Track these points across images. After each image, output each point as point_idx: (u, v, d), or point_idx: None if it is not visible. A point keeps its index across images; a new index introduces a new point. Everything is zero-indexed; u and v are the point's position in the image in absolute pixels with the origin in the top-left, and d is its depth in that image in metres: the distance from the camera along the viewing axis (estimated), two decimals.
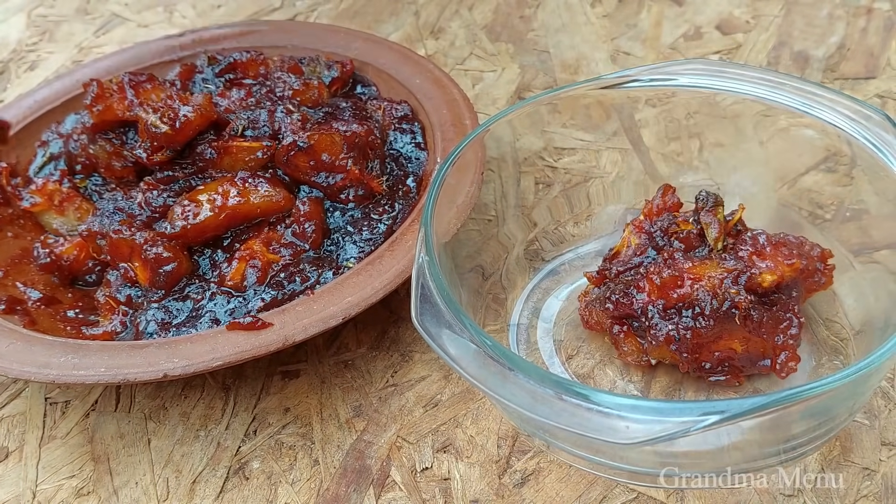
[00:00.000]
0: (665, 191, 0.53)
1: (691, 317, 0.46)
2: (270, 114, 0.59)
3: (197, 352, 0.47)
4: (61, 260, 0.57)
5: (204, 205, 0.55)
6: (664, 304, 0.47)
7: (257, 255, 0.53)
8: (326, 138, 0.56)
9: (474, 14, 0.86)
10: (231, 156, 0.57)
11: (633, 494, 0.46)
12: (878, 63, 0.73)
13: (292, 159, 0.56)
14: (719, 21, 0.81)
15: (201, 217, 0.54)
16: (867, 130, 0.48)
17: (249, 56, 0.65)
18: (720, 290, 0.46)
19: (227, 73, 0.65)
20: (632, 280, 0.49)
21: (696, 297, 0.46)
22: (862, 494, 0.44)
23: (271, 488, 0.49)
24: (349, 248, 0.55)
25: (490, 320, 0.54)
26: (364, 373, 0.54)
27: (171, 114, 0.57)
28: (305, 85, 0.62)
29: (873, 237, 0.52)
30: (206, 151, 0.57)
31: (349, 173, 0.57)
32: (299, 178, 0.57)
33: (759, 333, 0.46)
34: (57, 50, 0.90)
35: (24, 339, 0.50)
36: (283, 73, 0.63)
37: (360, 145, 0.57)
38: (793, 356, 0.47)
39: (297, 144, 0.56)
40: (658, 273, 0.47)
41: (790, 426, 0.41)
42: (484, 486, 0.47)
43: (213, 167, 0.57)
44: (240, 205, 0.55)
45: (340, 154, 0.56)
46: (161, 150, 0.57)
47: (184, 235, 0.54)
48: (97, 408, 0.54)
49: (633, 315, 0.49)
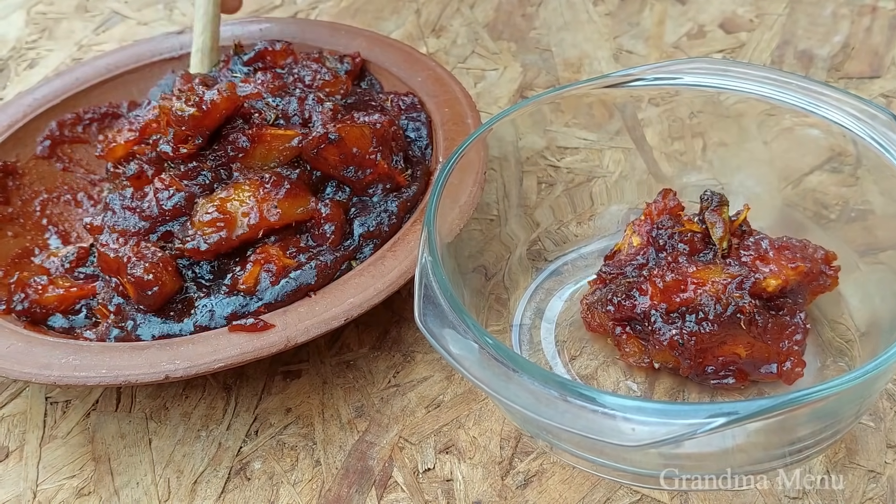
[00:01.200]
0: (665, 194, 0.52)
1: (695, 321, 0.46)
2: (301, 101, 0.57)
3: (198, 353, 0.47)
4: (38, 306, 0.54)
5: (239, 218, 0.52)
6: (667, 307, 0.47)
7: (273, 260, 0.51)
8: (356, 131, 0.54)
9: (476, 12, 0.86)
10: (265, 144, 0.54)
11: (637, 496, 0.46)
12: (882, 62, 0.73)
13: (322, 152, 0.54)
14: (723, 20, 0.80)
15: (236, 234, 0.52)
16: (873, 130, 0.48)
17: (282, 45, 0.64)
18: (724, 295, 0.45)
19: (255, 63, 0.64)
20: (634, 282, 0.49)
21: (700, 301, 0.46)
22: (867, 497, 0.44)
23: (273, 489, 0.48)
24: (365, 244, 0.54)
25: (493, 321, 0.54)
26: (366, 373, 0.54)
27: (195, 98, 0.53)
28: (335, 76, 0.61)
29: (878, 238, 0.52)
30: (240, 140, 0.54)
31: (378, 167, 0.55)
32: (328, 172, 0.55)
33: (764, 339, 0.46)
34: (56, 48, 0.89)
35: (24, 339, 0.50)
36: (313, 63, 0.62)
37: (385, 138, 0.56)
38: (798, 362, 0.46)
39: (329, 137, 0.53)
40: (661, 276, 0.47)
41: (796, 428, 0.41)
42: (486, 487, 0.47)
43: (246, 158, 0.54)
44: (278, 220, 0.52)
45: (370, 147, 0.55)
46: (187, 139, 0.54)
47: (216, 251, 0.52)
48: (98, 407, 0.54)
49: (635, 318, 0.48)
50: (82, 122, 0.68)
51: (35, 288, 0.54)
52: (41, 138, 0.66)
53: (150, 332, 0.51)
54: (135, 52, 0.72)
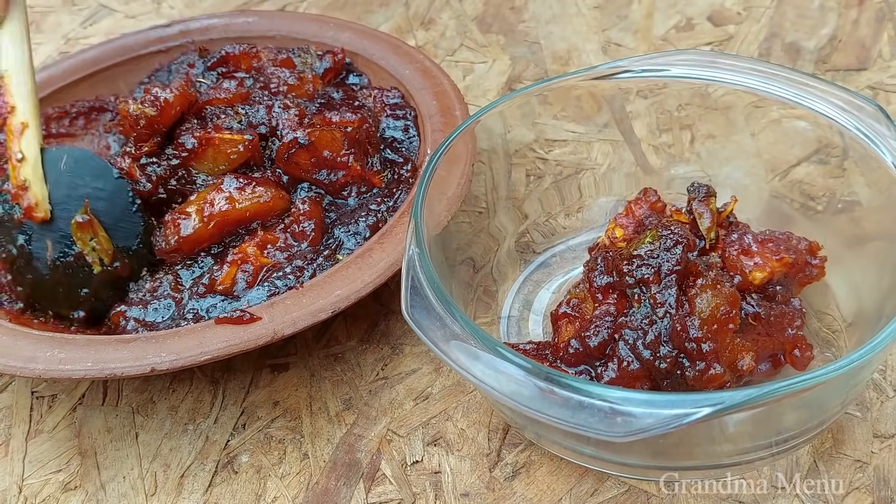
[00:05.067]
0: (645, 192, 0.52)
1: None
2: (269, 109, 0.57)
3: (185, 346, 0.47)
4: None
5: (192, 216, 0.53)
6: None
7: (249, 259, 0.52)
8: (327, 134, 0.55)
9: (464, 5, 0.86)
10: (214, 147, 0.55)
11: (625, 487, 0.46)
12: (869, 55, 0.73)
13: (293, 157, 0.55)
14: (711, 12, 0.80)
15: (189, 230, 0.53)
16: (860, 121, 0.48)
17: (242, 49, 0.64)
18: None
19: (219, 66, 0.64)
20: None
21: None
22: (854, 487, 0.44)
23: (260, 482, 0.48)
24: (347, 240, 0.54)
25: (481, 312, 0.54)
26: (354, 366, 0.54)
27: (150, 97, 0.55)
28: (300, 79, 0.61)
29: (865, 229, 0.52)
30: (188, 141, 0.55)
31: (350, 169, 0.56)
32: (300, 176, 0.56)
33: (769, 331, 0.46)
34: (44, 41, 0.89)
35: (9, 333, 0.49)
36: (277, 69, 0.62)
37: (359, 140, 0.57)
38: (806, 346, 0.46)
39: (298, 142, 0.54)
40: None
41: (782, 418, 0.41)
42: (475, 479, 0.47)
43: (196, 160, 0.55)
44: (228, 211, 0.53)
45: (341, 150, 0.55)
46: (147, 139, 0.55)
47: (178, 250, 0.53)
48: (84, 402, 0.54)
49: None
50: (69, 115, 0.67)
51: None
52: None
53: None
54: (122, 45, 0.71)
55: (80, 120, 0.68)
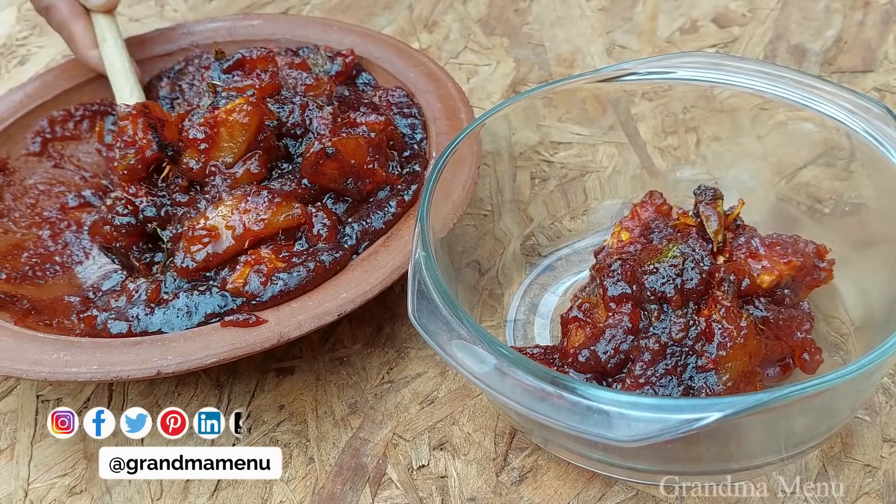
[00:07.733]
0: (651, 195, 0.52)
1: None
2: (303, 108, 0.57)
3: (190, 349, 0.47)
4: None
5: (223, 232, 0.52)
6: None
7: (264, 261, 0.51)
8: (353, 142, 0.54)
9: (468, 7, 0.86)
10: (226, 126, 0.54)
11: (633, 492, 0.45)
12: (875, 56, 0.73)
13: (321, 168, 0.53)
14: (715, 14, 0.80)
15: (223, 247, 0.52)
16: (867, 123, 0.48)
17: (260, 53, 0.64)
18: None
19: (235, 70, 0.64)
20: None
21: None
22: (864, 491, 0.44)
23: (266, 486, 0.48)
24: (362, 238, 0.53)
25: (487, 316, 0.54)
26: (359, 370, 0.53)
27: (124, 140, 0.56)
28: (317, 80, 0.61)
29: (873, 231, 0.52)
30: (197, 133, 0.54)
31: (376, 175, 0.55)
32: (328, 185, 0.54)
33: (778, 335, 0.45)
34: (47, 44, 0.89)
35: (15, 336, 0.49)
36: (293, 71, 0.62)
37: (380, 145, 0.56)
38: (816, 350, 0.46)
39: (326, 152, 0.53)
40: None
41: (791, 423, 0.41)
42: (481, 483, 0.47)
43: (214, 148, 0.54)
44: (263, 229, 0.52)
45: (366, 157, 0.54)
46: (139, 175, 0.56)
47: (205, 268, 0.52)
48: (90, 405, 0.53)
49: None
50: (73, 118, 0.68)
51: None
52: (31, 135, 0.66)
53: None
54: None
55: (84, 123, 0.68)
